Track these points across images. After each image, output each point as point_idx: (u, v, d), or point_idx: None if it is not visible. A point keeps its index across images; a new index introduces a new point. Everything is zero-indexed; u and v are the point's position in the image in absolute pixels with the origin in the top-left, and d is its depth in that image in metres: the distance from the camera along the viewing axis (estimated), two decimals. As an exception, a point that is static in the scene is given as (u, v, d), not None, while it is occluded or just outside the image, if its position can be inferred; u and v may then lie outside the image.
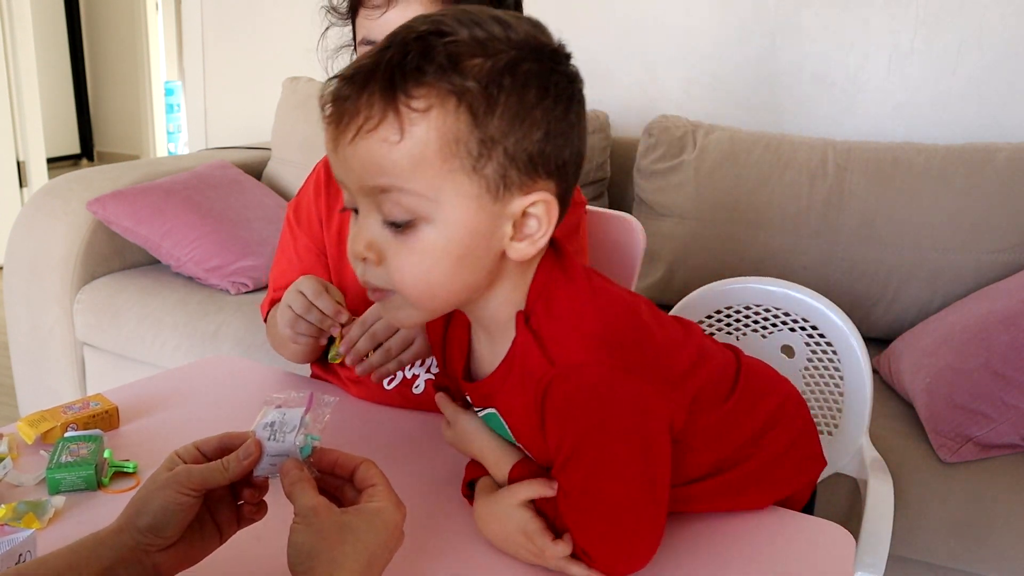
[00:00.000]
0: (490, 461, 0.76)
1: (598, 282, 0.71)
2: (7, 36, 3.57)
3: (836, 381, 1.18)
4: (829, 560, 0.76)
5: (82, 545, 0.57)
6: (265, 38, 2.76)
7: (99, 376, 2.07)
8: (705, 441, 0.76)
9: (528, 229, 0.64)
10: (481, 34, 0.60)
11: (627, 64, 2.27)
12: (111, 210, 1.98)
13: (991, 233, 1.71)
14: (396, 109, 0.59)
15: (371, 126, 0.59)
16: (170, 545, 0.59)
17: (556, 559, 0.69)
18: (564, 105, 0.63)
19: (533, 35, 0.63)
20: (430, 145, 0.59)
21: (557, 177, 0.64)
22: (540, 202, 0.63)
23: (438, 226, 0.62)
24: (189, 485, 0.59)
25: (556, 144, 0.63)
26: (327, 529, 0.57)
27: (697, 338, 0.78)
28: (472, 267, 0.64)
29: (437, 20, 0.61)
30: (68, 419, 0.89)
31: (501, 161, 0.61)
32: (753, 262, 1.86)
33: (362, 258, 0.64)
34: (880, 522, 1.06)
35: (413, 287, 0.64)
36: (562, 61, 0.64)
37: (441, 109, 0.59)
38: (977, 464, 1.36)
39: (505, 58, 0.60)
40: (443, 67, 0.59)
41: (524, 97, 0.60)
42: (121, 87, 5.91)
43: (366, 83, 0.60)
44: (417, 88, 0.59)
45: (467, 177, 0.61)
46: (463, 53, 0.59)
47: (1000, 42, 1.89)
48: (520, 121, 0.60)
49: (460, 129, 0.59)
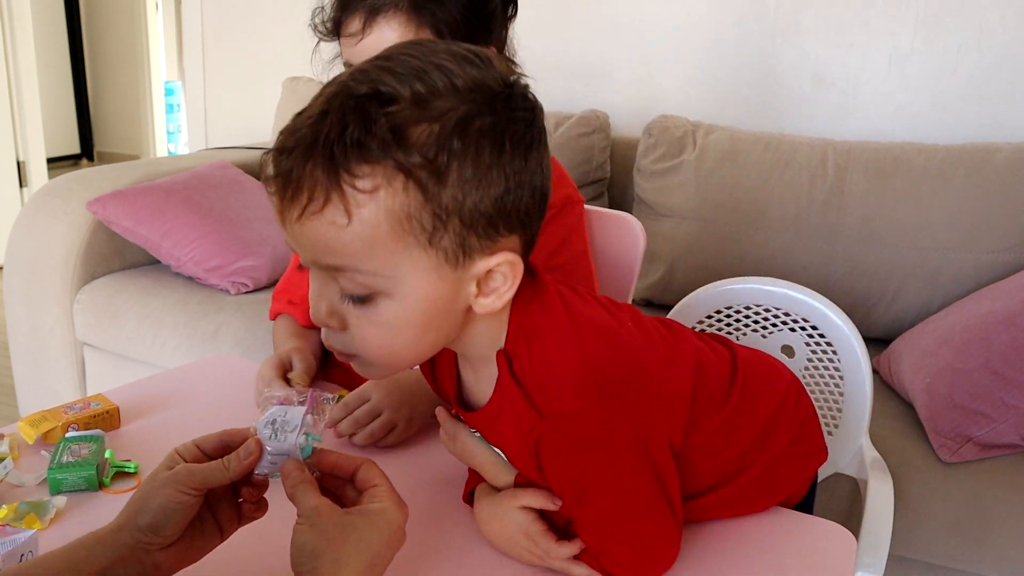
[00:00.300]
0: (490, 475, 0.76)
1: (577, 309, 0.67)
2: (7, 36, 3.57)
3: (836, 381, 1.18)
4: (830, 560, 0.76)
5: (81, 544, 0.57)
6: (265, 38, 2.76)
7: (99, 376, 2.07)
8: (706, 452, 0.75)
9: (493, 284, 0.62)
10: (423, 89, 0.56)
11: (627, 64, 2.27)
12: (111, 210, 1.98)
13: (991, 233, 1.72)
14: (340, 190, 0.55)
15: (316, 208, 0.56)
16: (170, 544, 0.59)
17: (560, 561, 0.69)
18: (523, 153, 0.59)
19: (480, 80, 0.58)
20: (380, 226, 0.56)
21: (520, 227, 0.61)
22: (504, 263, 0.60)
23: (397, 300, 0.59)
24: (189, 484, 0.59)
25: (516, 196, 0.59)
26: (330, 529, 0.57)
27: (688, 344, 0.75)
28: (437, 329, 0.63)
29: (376, 77, 0.56)
30: (69, 419, 0.89)
31: (458, 231, 0.57)
32: (753, 262, 1.86)
33: (324, 324, 0.62)
34: (880, 522, 1.06)
35: (377, 355, 0.63)
36: (516, 102, 0.60)
37: (388, 188, 0.55)
38: (977, 464, 1.36)
39: (453, 118, 0.56)
40: (386, 142, 0.54)
41: (478, 159, 0.57)
42: (121, 87, 5.91)
43: (306, 158, 0.55)
44: (360, 166, 0.55)
45: (423, 252, 0.58)
46: (406, 121, 0.55)
47: (1000, 42, 1.90)
48: (475, 185, 0.57)
49: (411, 205, 0.56)
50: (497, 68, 0.60)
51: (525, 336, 0.65)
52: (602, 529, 0.68)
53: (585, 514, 0.68)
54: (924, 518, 1.34)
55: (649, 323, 0.74)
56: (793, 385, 0.84)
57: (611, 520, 0.68)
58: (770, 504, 0.82)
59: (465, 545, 0.75)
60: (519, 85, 0.61)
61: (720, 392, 0.76)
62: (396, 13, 0.90)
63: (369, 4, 0.90)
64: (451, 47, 0.60)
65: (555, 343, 0.65)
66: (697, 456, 0.73)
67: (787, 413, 0.81)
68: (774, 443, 0.79)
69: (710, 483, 0.76)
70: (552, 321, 0.65)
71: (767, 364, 0.84)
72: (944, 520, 1.34)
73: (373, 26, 0.90)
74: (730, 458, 0.77)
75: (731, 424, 0.76)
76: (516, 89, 0.60)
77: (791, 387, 0.83)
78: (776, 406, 0.80)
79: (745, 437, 0.78)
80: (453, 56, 0.58)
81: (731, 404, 0.76)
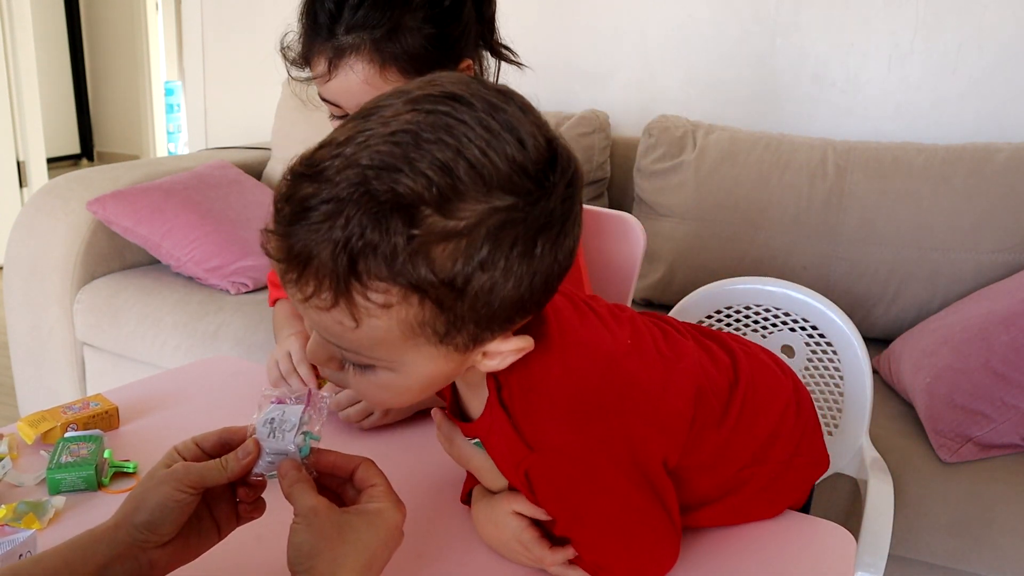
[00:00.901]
0: (486, 479, 0.76)
1: (571, 332, 0.65)
2: (7, 36, 3.57)
3: (836, 381, 1.18)
4: (829, 560, 0.76)
5: (77, 542, 0.57)
6: (265, 38, 2.75)
7: (99, 376, 2.07)
8: (703, 470, 0.73)
9: (503, 353, 0.60)
10: (448, 190, 0.50)
11: (627, 64, 2.27)
12: (111, 210, 1.98)
13: (991, 233, 1.71)
14: (350, 299, 0.51)
15: (322, 304, 0.52)
16: (166, 542, 0.59)
17: (554, 566, 0.70)
18: (557, 247, 0.54)
19: (515, 168, 0.51)
20: (391, 332, 0.53)
21: (537, 307, 0.58)
22: (516, 348, 0.59)
23: (400, 375, 0.58)
24: (187, 483, 0.58)
25: (540, 290, 0.55)
26: (327, 529, 0.57)
27: (689, 361, 0.72)
28: (439, 387, 0.63)
29: (398, 173, 0.49)
30: (68, 419, 0.89)
31: (472, 332, 0.55)
32: (753, 262, 1.86)
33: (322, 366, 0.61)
34: (880, 522, 1.06)
35: (375, 404, 0.63)
36: (557, 187, 0.53)
37: (403, 304, 0.52)
38: (977, 464, 1.36)
39: (482, 231, 0.50)
40: (405, 264, 0.50)
41: (507, 270, 0.52)
42: (121, 87, 5.91)
43: (316, 250, 0.50)
44: (375, 282, 0.51)
45: (433, 348, 0.55)
46: (428, 242, 0.50)
47: (1000, 42, 1.89)
48: (498, 294, 0.53)
49: (424, 316, 0.53)
50: (540, 137, 0.54)
51: (518, 363, 0.62)
52: (600, 546, 0.68)
53: (582, 534, 0.68)
54: (924, 518, 1.34)
55: (649, 340, 0.71)
56: (795, 394, 0.82)
57: (608, 537, 0.67)
58: (770, 515, 0.81)
59: (462, 546, 0.75)
60: (561, 162, 0.54)
61: (717, 411, 0.73)
62: (358, 57, 0.90)
63: (332, 47, 0.91)
64: (488, 119, 0.52)
65: (545, 371, 0.63)
66: (692, 475, 0.72)
67: (788, 426, 0.79)
68: (774, 457, 0.78)
69: (707, 497, 0.75)
70: (545, 349, 0.63)
71: (769, 373, 0.81)
72: (944, 520, 1.34)
73: (338, 69, 0.91)
74: (728, 474, 0.76)
75: (730, 443, 0.74)
76: (558, 173, 0.54)
77: (793, 397, 0.81)
78: (777, 420, 0.78)
79: (744, 454, 0.76)
80: (488, 135, 0.51)
81: (730, 422, 0.74)
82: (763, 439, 0.77)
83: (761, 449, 0.77)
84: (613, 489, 0.65)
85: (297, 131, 2.36)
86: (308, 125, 2.31)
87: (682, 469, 0.71)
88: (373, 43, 0.89)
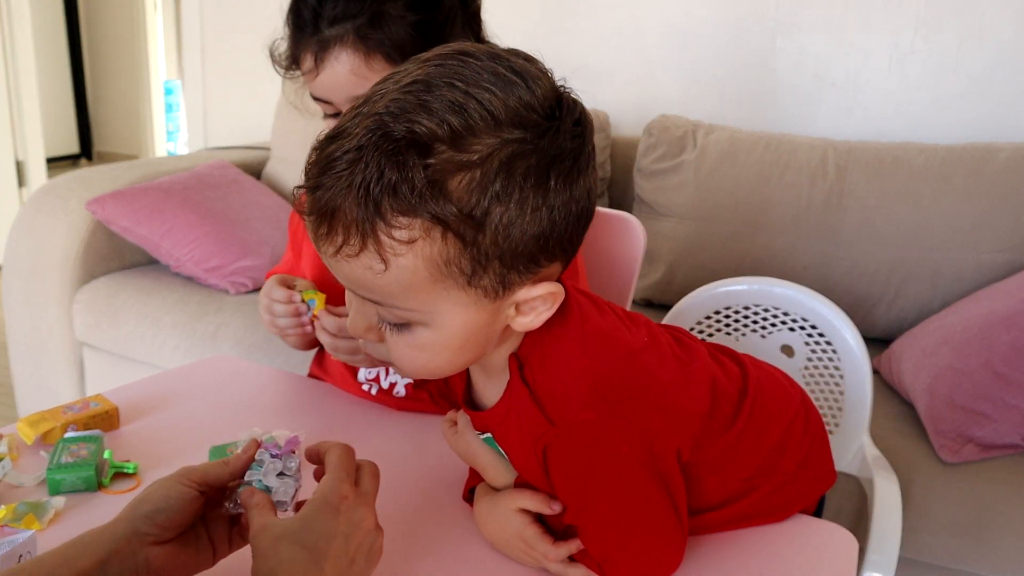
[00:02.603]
0: (491, 476, 0.76)
1: (592, 321, 0.67)
2: (6, 36, 3.57)
3: (836, 380, 1.18)
4: (831, 562, 0.76)
5: (78, 539, 0.57)
6: (264, 38, 2.76)
7: (98, 376, 2.07)
8: (712, 470, 0.73)
9: (533, 304, 0.61)
10: (462, 127, 0.53)
11: (627, 64, 2.27)
12: (110, 210, 1.98)
13: (992, 233, 1.71)
14: (376, 238, 0.54)
15: (351, 252, 0.55)
16: (165, 541, 0.59)
17: (556, 564, 0.69)
18: (569, 184, 0.57)
19: (525, 107, 0.55)
20: (418, 272, 0.55)
21: (563, 254, 0.60)
22: (546, 293, 0.60)
23: (435, 329, 0.59)
24: (191, 478, 0.61)
25: (560, 228, 0.58)
26: (264, 547, 0.56)
27: (701, 364, 0.73)
28: (474, 349, 0.63)
29: (413, 115, 0.53)
30: (68, 419, 0.89)
31: (498, 271, 0.57)
32: (753, 262, 1.86)
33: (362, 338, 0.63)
34: (889, 521, 1.06)
35: (413, 371, 0.63)
36: (565, 128, 0.57)
37: (426, 239, 0.54)
38: (978, 464, 1.36)
39: (495, 162, 0.54)
40: (424, 196, 0.53)
41: (522, 202, 0.55)
42: (121, 87, 5.91)
43: (342, 199, 0.54)
44: (397, 218, 0.53)
45: (462, 291, 0.57)
46: (445, 172, 0.53)
47: (1000, 42, 1.89)
48: (517, 227, 0.55)
49: (449, 253, 0.55)
50: (545, 82, 0.57)
51: (540, 343, 0.65)
52: (607, 537, 0.68)
53: (591, 522, 0.68)
54: (925, 518, 1.34)
55: (664, 341, 0.72)
56: (803, 407, 0.82)
57: (617, 528, 0.67)
58: (775, 520, 0.80)
59: (464, 544, 0.75)
60: (567, 103, 0.58)
61: (728, 415, 0.74)
62: (343, 47, 0.91)
63: (317, 41, 0.92)
64: (495, 66, 0.56)
65: (566, 352, 0.65)
66: (701, 472, 0.72)
67: (795, 438, 0.79)
68: (781, 468, 0.78)
69: (714, 502, 0.75)
70: (566, 331, 0.65)
71: (777, 386, 0.81)
72: (945, 520, 1.34)
73: (325, 62, 0.92)
74: (735, 480, 0.76)
75: (737, 447, 0.74)
76: (564, 111, 0.57)
77: (800, 409, 0.81)
78: (784, 430, 0.78)
79: (751, 462, 0.76)
80: (496, 79, 0.55)
81: (738, 428, 0.74)
82: (770, 448, 0.77)
83: (768, 459, 0.77)
84: (627, 475, 0.65)
85: (297, 131, 2.35)
86: (308, 125, 2.31)
87: (691, 466, 0.71)
88: (356, 32, 0.90)
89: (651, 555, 0.68)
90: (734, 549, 0.76)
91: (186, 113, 3.15)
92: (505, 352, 0.67)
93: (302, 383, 1.08)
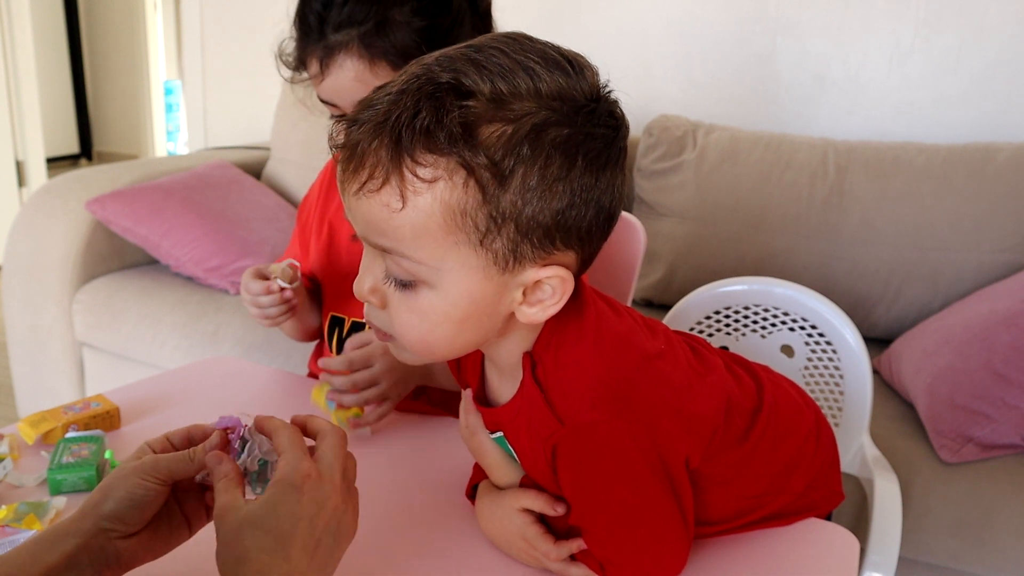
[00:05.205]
0: (496, 475, 0.76)
1: (608, 324, 0.67)
2: (6, 36, 3.57)
3: (836, 380, 1.18)
4: (832, 562, 0.76)
5: (44, 535, 0.57)
6: (264, 38, 2.75)
7: (98, 376, 2.07)
8: (720, 483, 0.73)
9: (540, 295, 0.61)
10: (504, 88, 0.55)
11: (627, 64, 2.27)
12: (110, 210, 1.98)
13: (992, 233, 1.71)
14: (400, 174, 0.55)
15: (374, 187, 0.56)
16: (133, 533, 0.58)
17: (557, 563, 0.69)
18: (595, 170, 0.58)
19: (566, 88, 0.57)
20: (433, 217, 0.56)
21: (579, 244, 0.60)
22: (555, 276, 0.60)
23: (439, 291, 0.59)
24: (155, 474, 0.59)
25: (580, 212, 0.58)
26: (228, 533, 0.55)
27: (717, 376, 0.73)
28: (475, 329, 0.62)
29: (461, 68, 0.56)
30: (69, 419, 0.89)
31: (511, 236, 0.57)
32: (753, 262, 1.86)
33: (365, 299, 0.63)
34: (889, 521, 1.06)
35: (412, 343, 0.63)
36: (600, 118, 0.58)
37: (448, 182, 0.55)
38: (978, 464, 1.36)
39: (528, 123, 0.55)
40: (454, 136, 0.54)
41: (546, 170, 0.55)
42: (120, 87, 5.91)
43: (374, 135, 0.55)
44: (424, 155, 0.54)
45: (472, 250, 0.57)
46: (479, 119, 0.54)
47: (1001, 42, 1.89)
48: (538, 194, 0.56)
49: (468, 203, 0.55)
50: (589, 79, 0.59)
51: (554, 342, 0.65)
52: (613, 538, 0.68)
53: (596, 523, 0.68)
54: (925, 518, 1.34)
55: (681, 351, 0.72)
56: (816, 426, 0.81)
57: (622, 530, 0.67)
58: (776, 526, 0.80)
59: (464, 542, 0.75)
60: (607, 100, 0.60)
61: (740, 429, 0.73)
62: (348, 54, 0.91)
63: (322, 47, 0.92)
64: (547, 49, 0.58)
65: (579, 353, 0.64)
66: (709, 486, 0.72)
67: (807, 457, 0.79)
68: (790, 488, 0.78)
69: (721, 516, 0.75)
70: (582, 332, 0.65)
71: (792, 404, 0.80)
72: (945, 520, 1.34)
73: (330, 68, 0.92)
74: (744, 496, 0.76)
75: (749, 462, 0.74)
76: (602, 104, 0.59)
77: (814, 428, 0.81)
78: (796, 450, 0.78)
79: (762, 478, 0.76)
80: (544, 59, 0.57)
81: (750, 443, 0.73)
82: (781, 467, 0.77)
83: (778, 478, 0.77)
84: (635, 477, 0.65)
85: (297, 131, 2.35)
86: (308, 124, 2.31)
87: (701, 478, 0.71)
88: (361, 39, 0.90)
89: (655, 557, 0.68)
90: (735, 549, 0.76)
91: (186, 113, 3.15)
92: (518, 349, 0.67)
93: (302, 383, 1.08)
